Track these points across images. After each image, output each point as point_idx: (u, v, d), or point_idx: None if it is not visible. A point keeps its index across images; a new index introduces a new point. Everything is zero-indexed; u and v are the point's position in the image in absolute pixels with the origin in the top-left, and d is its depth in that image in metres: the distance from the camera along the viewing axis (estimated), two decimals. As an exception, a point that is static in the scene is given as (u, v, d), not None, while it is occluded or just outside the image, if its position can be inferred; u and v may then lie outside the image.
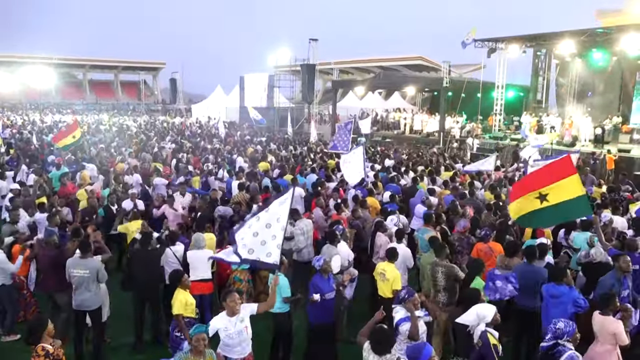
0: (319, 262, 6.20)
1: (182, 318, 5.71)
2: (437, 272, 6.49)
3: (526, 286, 6.34)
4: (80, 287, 6.28)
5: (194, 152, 16.83)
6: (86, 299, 6.30)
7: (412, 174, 13.79)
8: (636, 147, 21.42)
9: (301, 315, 6.75)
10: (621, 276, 6.14)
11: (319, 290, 6.05)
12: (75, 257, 6.39)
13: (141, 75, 65.97)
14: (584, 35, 23.49)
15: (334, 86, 37.00)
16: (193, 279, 6.89)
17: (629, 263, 6.16)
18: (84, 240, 6.69)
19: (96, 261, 6.41)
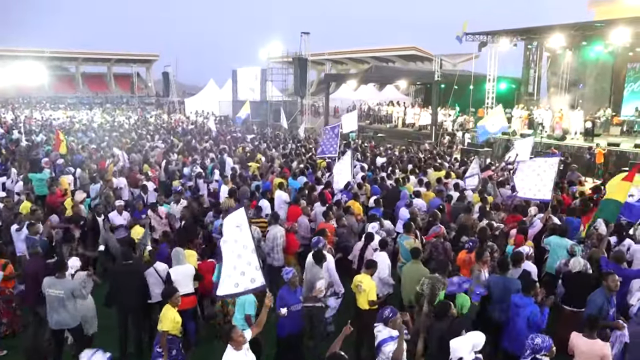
0: (288, 275, 6.28)
1: (166, 335, 5.78)
2: (437, 289, 6.49)
3: (499, 297, 6.44)
4: (55, 306, 6.29)
5: (184, 153, 16.70)
6: (62, 318, 6.32)
7: (401, 173, 13.77)
8: (626, 140, 21.52)
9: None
10: (610, 295, 6.12)
11: (286, 302, 6.13)
12: (51, 277, 6.38)
13: (134, 68, 65.50)
14: (575, 29, 23.47)
15: (326, 79, 36.98)
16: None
17: (617, 283, 6.14)
18: (59, 260, 6.66)
19: (71, 282, 6.41)
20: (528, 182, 8.89)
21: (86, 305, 6.69)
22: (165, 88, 50.02)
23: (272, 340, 6.53)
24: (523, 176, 9.06)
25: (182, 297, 6.89)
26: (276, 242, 8.50)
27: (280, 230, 8.62)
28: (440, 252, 8.21)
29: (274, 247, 8.48)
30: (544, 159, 9.46)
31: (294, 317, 6.26)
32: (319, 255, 7.07)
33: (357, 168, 14.15)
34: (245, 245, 5.14)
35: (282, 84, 38.87)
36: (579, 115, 23.27)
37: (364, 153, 17.61)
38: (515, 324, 5.93)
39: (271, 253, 8.56)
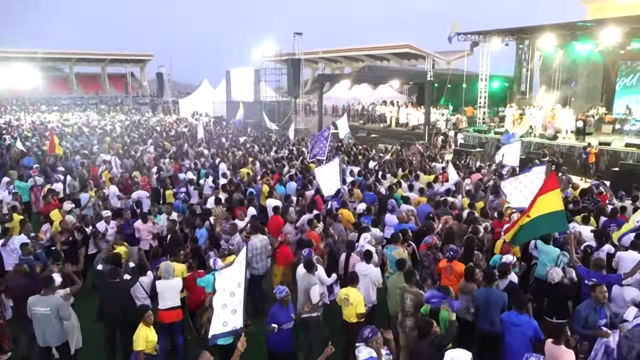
0: (281, 293, 6.29)
1: (142, 354, 5.83)
2: (406, 297, 6.59)
3: (486, 310, 6.48)
4: (42, 324, 6.30)
5: (176, 159, 16.63)
6: (50, 336, 6.34)
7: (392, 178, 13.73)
8: (618, 138, 21.63)
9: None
10: (597, 306, 6.13)
11: (277, 320, 6.16)
12: (36, 295, 6.37)
13: (128, 68, 65.39)
14: (566, 28, 23.53)
15: (319, 79, 37.00)
16: (162, 307, 7.03)
17: (605, 294, 6.16)
18: (45, 276, 6.68)
19: (57, 298, 6.41)
20: (517, 194, 8.94)
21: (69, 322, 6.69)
22: (159, 88, 49.90)
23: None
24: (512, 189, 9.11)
25: (168, 310, 7.05)
26: (256, 252, 8.52)
27: (263, 240, 8.66)
28: (431, 262, 8.26)
29: (254, 256, 8.49)
30: (532, 170, 9.51)
31: (286, 337, 6.30)
32: (310, 263, 7.11)
33: (348, 173, 14.15)
34: (240, 283, 5.14)
35: (276, 83, 38.89)
36: (570, 114, 23.36)
37: (356, 156, 17.57)
38: (512, 343, 5.89)
39: (251, 262, 8.57)
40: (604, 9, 30.76)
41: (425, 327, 5.56)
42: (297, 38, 32.27)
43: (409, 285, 6.65)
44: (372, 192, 12.14)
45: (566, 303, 7.00)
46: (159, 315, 7.02)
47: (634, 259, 7.61)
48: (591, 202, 11.58)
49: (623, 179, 15.26)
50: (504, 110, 26.39)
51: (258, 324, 7.27)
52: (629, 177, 15.29)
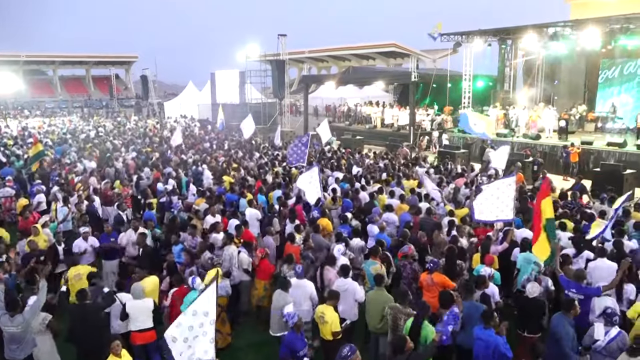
0: (293, 319, 6.14)
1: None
2: (399, 318, 6.49)
3: (467, 323, 6.44)
4: (10, 339, 6.28)
5: (157, 167, 16.39)
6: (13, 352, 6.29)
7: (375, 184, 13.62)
8: (600, 137, 21.79)
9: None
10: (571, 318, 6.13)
11: (294, 349, 6.02)
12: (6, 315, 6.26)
13: (113, 70, 64.78)
14: (547, 28, 23.66)
15: (304, 81, 36.95)
16: (133, 329, 6.93)
17: (578, 310, 6.20)
18: (10, 299, 6.50)
19: (24, 317, 6.28)
20: (487, 205, 8.90)
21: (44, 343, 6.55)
22: (144, 91, 49.45)
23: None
24: (482, 199, 9.07)
25: (140, 332, 6.93)
26: (233, 262, 8.51)
27: (235, 250, 8.63)
28: (408, 272, 8.22)
29: (231, 266, 8.48)
30: (501, 180, 9.49)
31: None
32: (285, 282, 7.02)
33: (331, 179, 14.06)
34: (207, 313, 5.01)
35: (262, 85, 38.72)
36: (553, 113, 23.49)
37: (339, 160, 17.46)
38: (479, 356, 5.90)
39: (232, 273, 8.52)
40: (586, 7, 31.02)
41: (398, 344, 5.52)
42: (281, 39, 32.16)
43: (402, 306, 6.56)
44: (349, 198, 12.05)
45: (541, 318, 6.97)
46: (131, 337, 6.91)
47: (608, 268, 7.67)
48: (573, 206, 11.61)
49: (604, 179, 15.36)
50: (488, 110, 26.46)
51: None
52: (610, 177, 15.41)
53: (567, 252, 8.20)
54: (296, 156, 14.27)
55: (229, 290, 8.09)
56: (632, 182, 15.39)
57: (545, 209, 7.29)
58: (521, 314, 6.96)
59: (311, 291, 7.36)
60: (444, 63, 41.48)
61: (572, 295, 6.87)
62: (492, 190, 8.97)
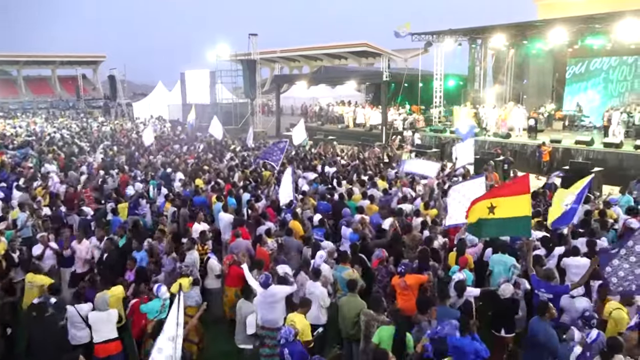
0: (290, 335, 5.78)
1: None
2: (372, 326, 6.30)
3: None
4: None
5: (123, 170, 15.89)
6: None
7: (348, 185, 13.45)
8: (568, 135, 22.14)
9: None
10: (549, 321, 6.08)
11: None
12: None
13: (79, 70, 63.25)
14: (516, 28, 23.93)
15: (276, 80, 36.69)
16: (98, 340, 6.60)
17: (553, 312, 6.16)
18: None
19: None
20: (458, 209, 8.80)
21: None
22: (111, 91, 48.34)
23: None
24: (455, 204, 8.96)
25: (104, 343, 6.61)
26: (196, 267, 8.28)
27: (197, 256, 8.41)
28: (383, 275, 8.06)
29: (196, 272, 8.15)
30: (472, 181, 9.41)
31: None
32: (248, 291, 6.76)
33: (302, 181, 13.84)
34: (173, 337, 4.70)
35: (233, 85, 38.27)
36: (522, 112, 23.80)
37: (311, 161, 17.25)
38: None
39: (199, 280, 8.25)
40: (552, 7, 31.59)
41: (380, 358, 5.34)
42: (252, 39, 31.82)
43: (376, 314, 6.38)
44: (325, 200, 11.86)
45: (513, 317, 6.96)
46: (95, 350, 6.59)
47: (579, 265, 7.67)
48: (543, 204, 11.65)
49: (574, 177, 15.49)
50: (459, 109, 26.67)
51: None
52: (578, 175, 15.54)
53: (539, 253, 8.16)
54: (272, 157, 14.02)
55: (198, 299, 7.78)
56: (600, 180, 15.59)
57: (524, 205, 7.18)
58: (496, 315, 6.88)
59: (280, 298, 7.07)
60: (415, 63, 41.84)
61: (541, 295, 6.83)
62: (464, 192, 8.88)
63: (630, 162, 17.69)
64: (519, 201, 7.19)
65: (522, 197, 7.19)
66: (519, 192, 7.22)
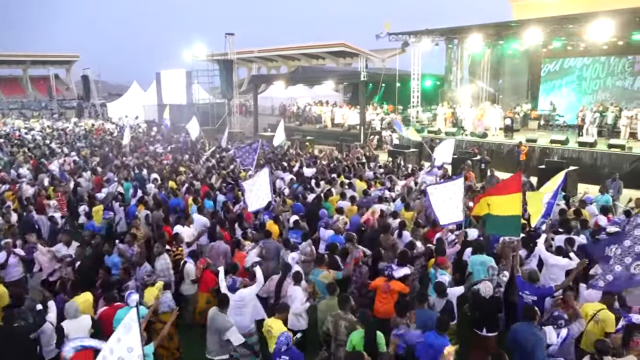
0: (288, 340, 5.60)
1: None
2: (340, 325, 6.21)
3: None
4: None
5: (96, 172, 15.44)
6: None
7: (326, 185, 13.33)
8: (543, 134, 22.40)
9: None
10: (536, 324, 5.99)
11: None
12: None
13: (52, 70, 61.84)
14: (491, 28, 24.13)
15: (253, 80, 36.38)
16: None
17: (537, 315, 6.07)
18: None
19: None
20: (445, 209, 8.78)
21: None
22: (85, 92, 47.42)
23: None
24: (439, 203, 8.92)
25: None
26: (170, 273, 8.10)
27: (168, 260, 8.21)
28: (357, 276, 7.96)
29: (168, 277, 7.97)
30: (452, 182, 9.38)
31: None
32: (224, 300, 6.54)
33: (280, 182, 13.67)
34: (131, 348, 4.41)
35: (210, 85, 37.89)
36: (498, 111, 24.01)
37: (289, 162, 17.07)
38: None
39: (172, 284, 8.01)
40: (527, 8, 31.98)
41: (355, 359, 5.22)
42: (228, 38, 31.49)
43: (343, 312, 6.27)
44: (299, 202, 11.70)
45: (496, 316, 6.91)
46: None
47: (560, 265, 7.68)
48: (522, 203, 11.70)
49: (550, 176, 15.63)
50: (436, 109, 26.78)
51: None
52: (554, 174, 15.69)
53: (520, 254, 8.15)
54: (246, 160, 13.83)
55: (171, 304, 7.53)
56: (575, 179, 15.76)
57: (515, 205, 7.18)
58: (478, 314, 6.83)
59: (249, 300, 6.91)
60: (392, 63, 41.92)
61: (525, 297, 6.81)
62: (445, 192, 8.84)
63: (604, 160, 17.96)
64: (510, 200, 7.22)
65: (514, 196, 7.21)
66: (510, 191, 7.24)
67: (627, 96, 24.24)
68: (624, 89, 24.54)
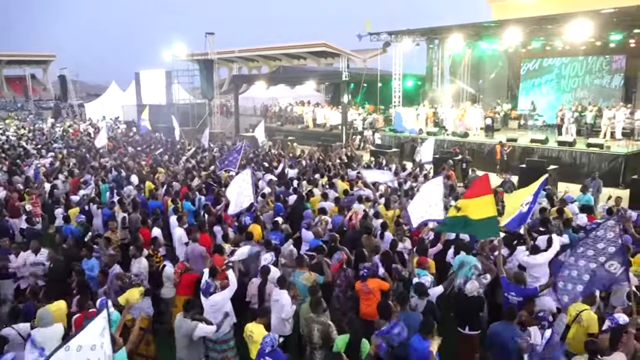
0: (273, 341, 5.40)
1: None
2: (313, 328, 6.11)
3: (405, 336, 6.12)
4: None
5: (72, 173, 15.05)
6: None
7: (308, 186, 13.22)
8: (523, 134, 22.61)
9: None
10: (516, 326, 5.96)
11: None
12: None
13: (28, 70, 60.58)
14: (471, 28, 24.27)
15: (234, 80, 36.10)
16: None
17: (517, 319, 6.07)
18: None
19: None
20: (419, 208, 8.70)
21: None
22: (62, 92, 46.52)
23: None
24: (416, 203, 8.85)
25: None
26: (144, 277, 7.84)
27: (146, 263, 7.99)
28: (342, 279, 7.82)
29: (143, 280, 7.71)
30: (431, 181, 9.34)
31: None
32: (188, 306, 6.30)
33: (262, 183, 13.50)
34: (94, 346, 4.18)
35: (190, 85, 37.45)
36: (479, 111, 24.16)
37: (271, 162, 16.89)
38: None
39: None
40: (506, 9, 32.31)
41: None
42: (209, 38, 31.17)
43: (315, 315, 6.15)
44: (280, 202, 11.56)
45: (479, 315, 6.89)
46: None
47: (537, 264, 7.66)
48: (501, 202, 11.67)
49: (530, 175, 15.74)
50: (418, 109, 26.86)
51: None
52: (535, 173, 15.81)
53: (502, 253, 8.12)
54: (228, 162, 13.64)
55: (149, 310, 7.32)
56: (555, 178, 15.89)
57: (489, 206, 7.13)
58: (461, 313, 6.80)
59: (222, 305, 6.73)
60: (374, 63, 42.01)
61: (511, 299, 6.77)
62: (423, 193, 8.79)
63: (584, 159, 18.16)
64: (483, 202, 7.14)
65: (486, 198, 7.14)
66: (482, 193, 7.18)
67: (604, 94, 24.68)
68: (601, 86, 24.97)
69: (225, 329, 6.58)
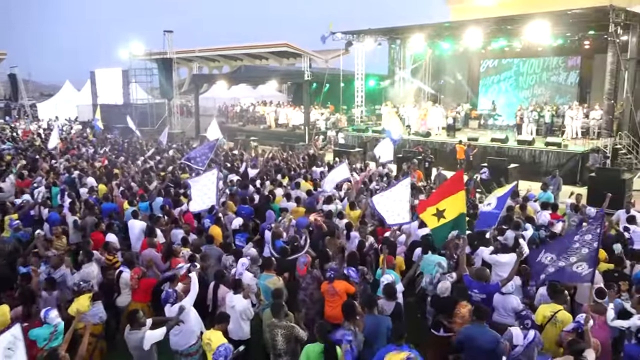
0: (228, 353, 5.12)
1: None
2: (276, 334, 5.82)
3: (373, 340, 5.87)
4: None
5: (21, 176, 14.25)
6: None
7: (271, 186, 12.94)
8: (484, 133, 22.92)
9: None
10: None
11: None
12: None
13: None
14: (432, 29, 24.47)
15: (194, 80, 35.36)
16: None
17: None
18: None
19: None
20: (393, 210, 8.57)
21: None
22: (13, 91, 44.52)
23: None
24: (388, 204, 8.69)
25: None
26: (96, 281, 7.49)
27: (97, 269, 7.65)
28: (308, 282, 7.56)
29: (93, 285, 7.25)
30: (400, 183, 9.20)
31: None
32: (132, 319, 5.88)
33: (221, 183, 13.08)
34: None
35: (148, 84, 36.46)
36: (440, 111, 24.38)
37: (233, 163, 16.49)
38: None
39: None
40: (465, 10, 32.85)
41: None
42: (167, 36, 30.37)
43: (277, 320, 5.88)
44: (247, 204, 11.22)
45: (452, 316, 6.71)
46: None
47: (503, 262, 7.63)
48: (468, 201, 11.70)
49: (491, 174, 15.90)
50: (380, 108, 26.90)
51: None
52: (496, 172, 15.98)
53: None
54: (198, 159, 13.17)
55: (102, 316, 6.87)
56: (516, 176, 16.08)
57: (460, 203, 7.06)
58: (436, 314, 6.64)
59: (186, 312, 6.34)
60: (336, 63, 41.91)
61: (474, 296, 6.66)
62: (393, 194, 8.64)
63: (543, 158, 18.52)
64: (456, 200, 7.08)
65: (458, 195, 7.08)
66: (455, 190, 7.10)
67: (561, 91, 25.43)
68: (558, 83, 25.72)
69: (190, 341, 6.22)
